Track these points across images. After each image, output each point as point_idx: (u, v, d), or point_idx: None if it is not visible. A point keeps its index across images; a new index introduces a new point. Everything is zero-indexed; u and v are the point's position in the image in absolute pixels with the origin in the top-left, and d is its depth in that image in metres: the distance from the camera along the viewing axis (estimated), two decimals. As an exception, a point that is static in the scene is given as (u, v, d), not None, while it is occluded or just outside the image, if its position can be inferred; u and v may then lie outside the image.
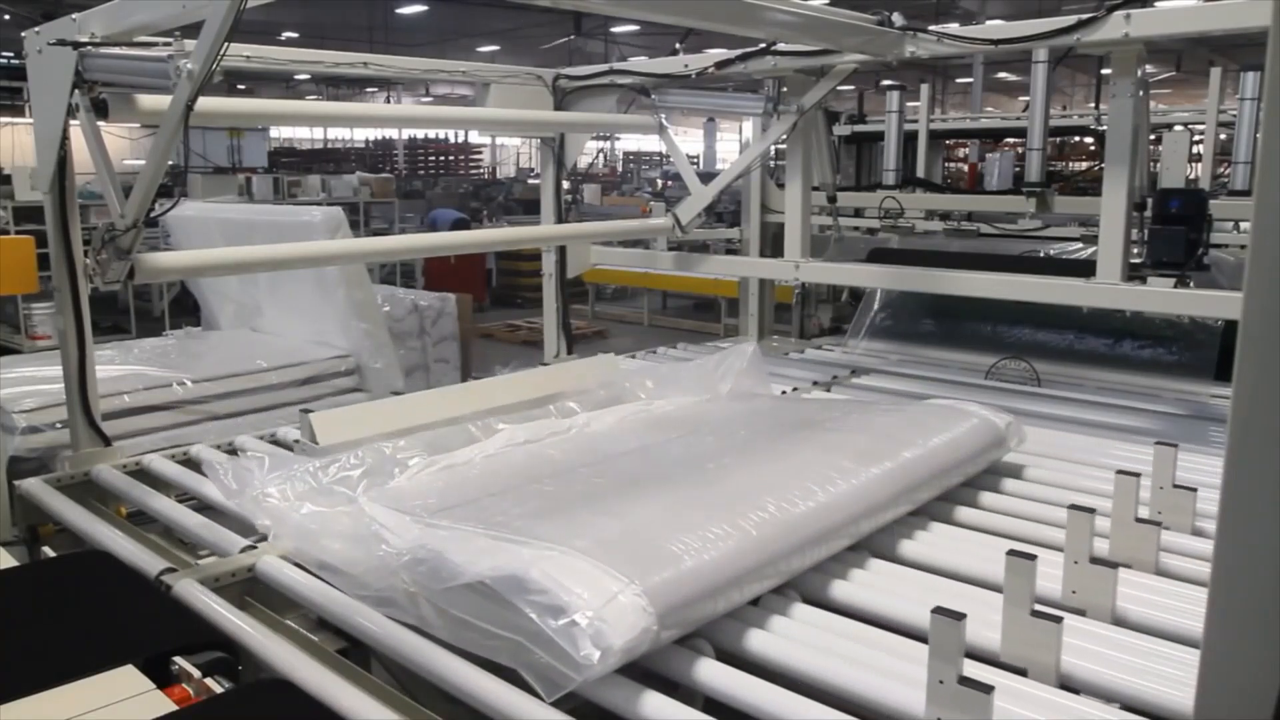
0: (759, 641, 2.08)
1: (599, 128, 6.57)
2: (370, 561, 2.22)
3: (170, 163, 2.98)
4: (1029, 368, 4.68)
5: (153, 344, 5.92)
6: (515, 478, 2.72)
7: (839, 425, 3.14)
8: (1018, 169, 9.28)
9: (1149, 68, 3.87)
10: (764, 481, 2.54)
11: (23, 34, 3.19)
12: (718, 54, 4.46)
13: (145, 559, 2.56)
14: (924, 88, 9.16)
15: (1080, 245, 5.98)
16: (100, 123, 2.98)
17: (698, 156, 23.64)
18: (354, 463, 2.73)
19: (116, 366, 4.99)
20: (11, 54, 17.64)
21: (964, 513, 2.87)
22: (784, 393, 4.24)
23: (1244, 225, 6.39)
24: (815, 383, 4.51)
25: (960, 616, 1.68)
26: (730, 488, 2.52)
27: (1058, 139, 14.45)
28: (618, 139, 31.44)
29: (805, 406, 3.74)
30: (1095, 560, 2.30)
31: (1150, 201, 4.03)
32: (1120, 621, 2.18)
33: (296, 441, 3.44)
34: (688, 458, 2.87)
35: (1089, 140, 14.46)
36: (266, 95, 25.21)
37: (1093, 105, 18.94)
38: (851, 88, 13.31)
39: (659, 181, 22.39)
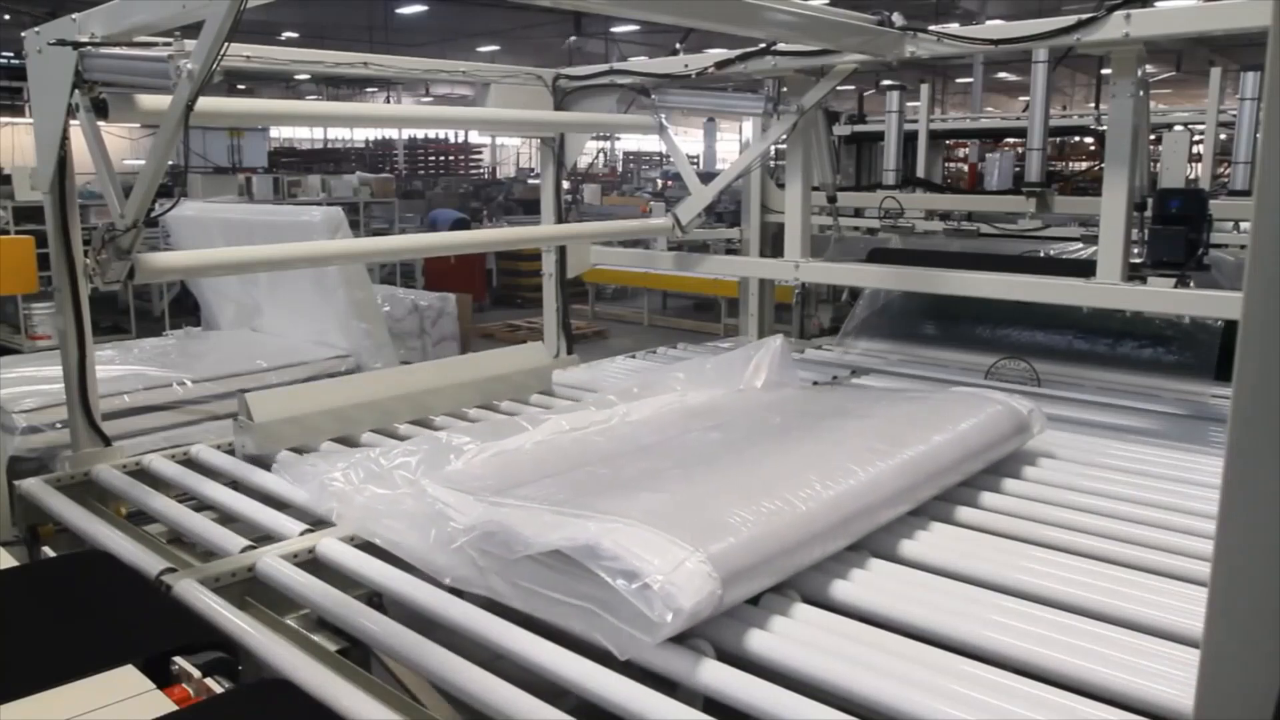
0: (759, 641, 2.08)
1: (599, 128, 6.57)
2: (437, 537, 2.36)
3: (170, 163, 2.98)
4: (1029, 368, 4.68)
5: (153, 344, 5.93)
6: (566, 462, 2.89)
7: (870, 412, 3.28)
8: (1018, 169, 9.28)
9: (1149, 68, 3.87)
10: (805, 462, 2.67)
11: (23, 34, 3.18)
12: (718, 54, 4.46)
13: (145, 559, 2.56)
14: (924, 88, 9.16)
15: (1080, 245, 5.98)
16: (100, 123, 2.98)
17: (698, 156, 23.65)
18: (412, 450, 2.91)
19: (116, 366, 5.00)
20: (11, 54, 17.64)
21: (964, 512, 2.87)
22: (814, 383, 4.39)
23: (1244, 225, 6.39)
24: (815, 383, 4.51)
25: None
26: (774, 468, 2.65)
27: (1058, 139, 14.45)
28: (618, 139, 31.45)
29: (835, 396, 3.90)
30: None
31: (1150, 201, 4.02)
32: (1120, 621, 2.18)
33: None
34: (729, 442, 3.01)
35: (1089, 140, 14.46)
36: (266, 95, 25.22)
37: (1093, 105, 18.94)
38: (851, 88, 13.30)
39: (659, 181, 22.41)
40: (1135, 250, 3.83)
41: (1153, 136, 7.36)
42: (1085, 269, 3.80)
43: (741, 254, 5.95)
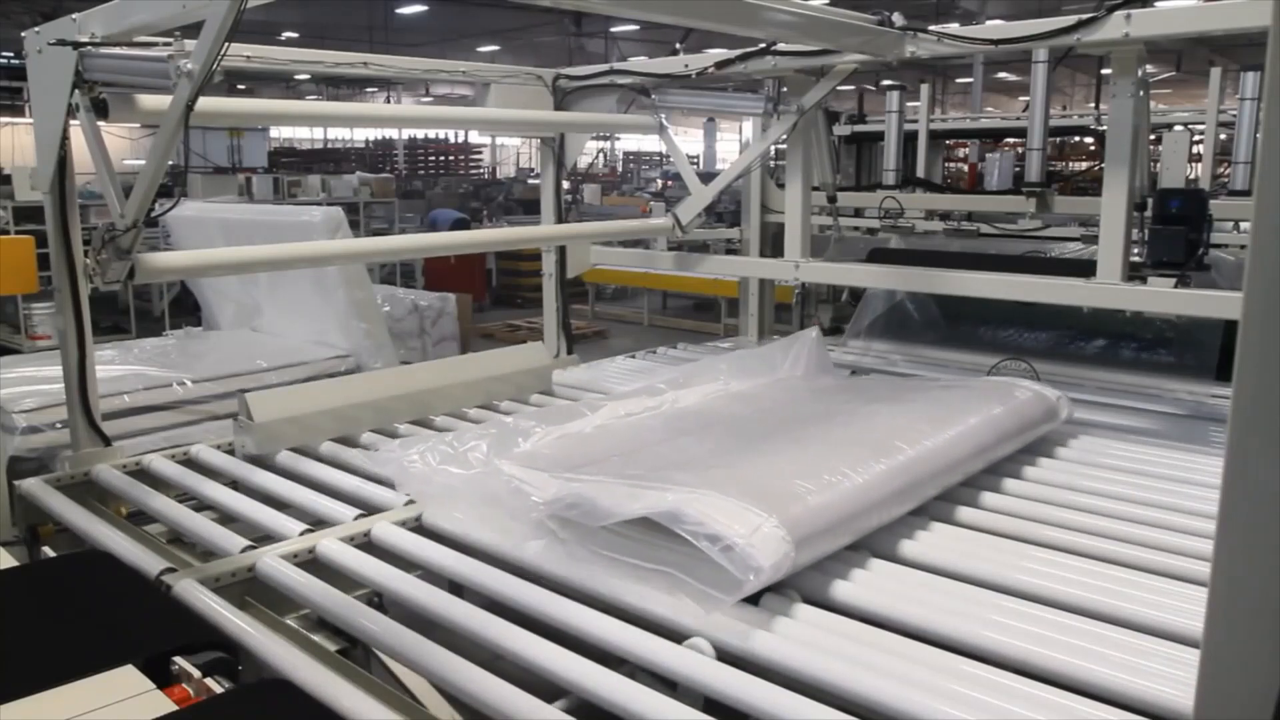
0: (759, 641, 2.08)
1: (599, 128, 6.57)
2: (518, 511, 2.56)
3: (170, 163, 2.98)
4: (1029, 368, 4.67)
5: (153, 344, 5.92)
6: (629, 443, 3.08)
7: (909, 398, 3.49)
8: (1018, 169, 9.28)
9: (1149, 68, 3.87)
10: (856, 441, 2.86)
11: (23, 34, 3.18)
12: (718, 54, 4.46)
13: (145, 559, 2.57)
14: (924, 88, 9.15)
15: (1081, 245, 5.98)
16: (100, 123, 2.98)
17: (698, 156, 23.66)
18: (481, 434, 3.07)
19: (116, 366, 5.00)
20: (11, 54, 17.64)
21: (964, 512, 2.87)
22: (852, 373, 4.55)
23: (1244, 225, 6.39)
24: (853, 372, 4.55)
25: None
26: (827, 446, 2.82)
27: (1058, 139, 14.44)
28: (618, 139, 31.44)
29: (873, 384, 4.13)
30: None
31: (1150, 201, 4.02)
32: (1120, 621, 2.18)
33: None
34: (780, 424, 3.20)
35: (1089, 140, 14.46)
36: (266, 95, 25.21)
37: (1093, 105, 18.94)
38: (851, 88, 13.31)
39: (659, 181, 22.40)
40: (1135, 250, 3.83)
41: (1153, 136, 7.35)
42: (1085, 269, 3.80)
43: (741, 254, 5.94)
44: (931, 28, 3.73)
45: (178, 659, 1.94)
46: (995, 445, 3.16)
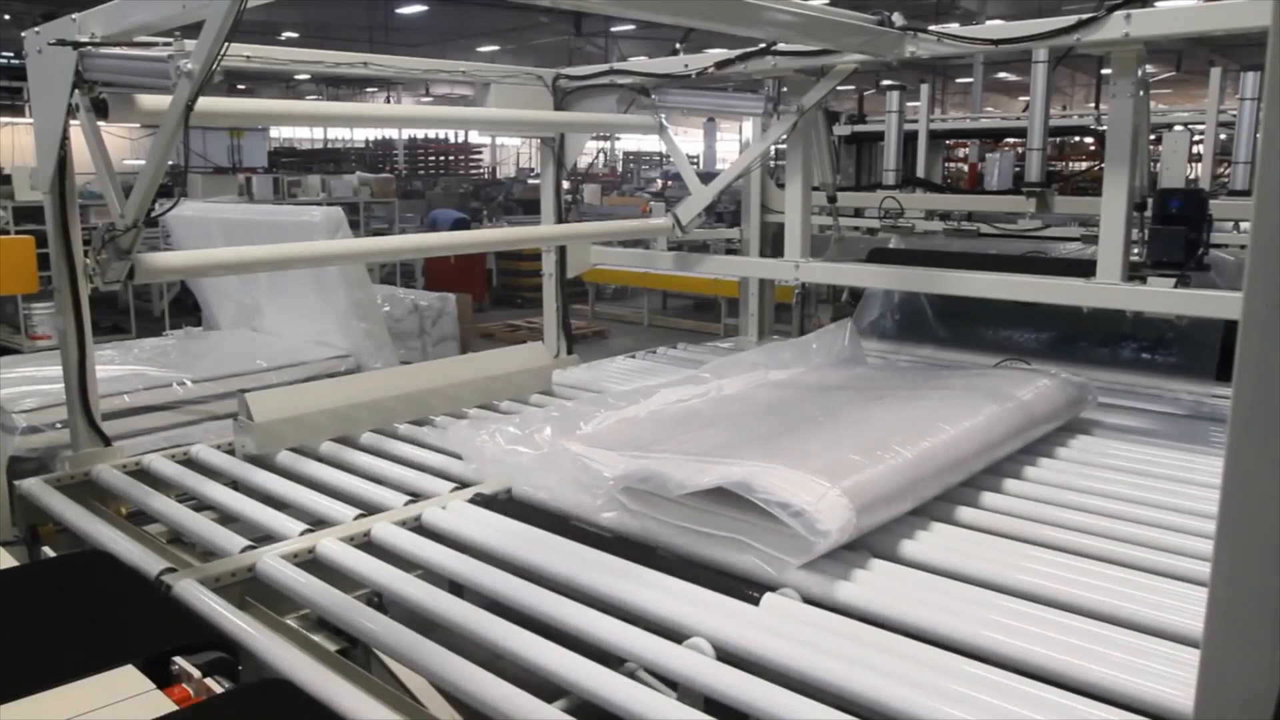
0: (759, 641, 2.08)
1: (599, 128, 6.57)
2: (588, 486, 2.76)
3: (170, 163, 2.98)
4: (1029, 367, 4.66)
5: (153, 344, 5.92)
6: (685, 425, 3.27)
7: (945, 384, 3.69)
8: (1018, 169, 9.27)
9: (1149, 68, 3.87)
10: (901, 421, 3.06)
11: (23, 34, 3.18)
12: (718, 54, 4.46)
13: (145, 559, 2.57)
14: (924, 88, 9.15)
15: (1081, 245, 5.97)
16: (100, 123, 2.98)
17: (698, 156, 23.64)
18: (545, 417, 3.28)
19: (116, 366, 5.00)
20: (11, 54, 17.63)
21: (964, 512, 2.87)
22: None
23: (1244, 225, 6.39)
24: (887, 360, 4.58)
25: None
26: (875, 426, 3.02)
27: (1058, 139, 14.44)
28: (618, 139, 31.44)
29: (907, 373, 4.30)
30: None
31: (1150, 201, 4.02)
32: (1120, 621, 2.18)
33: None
34: (826, 407, 3.39)
35: (1089, 140, 14.46)
36: (266, 95, 25.20)
37: (1093, 105, 18.94)
38: (851, 88, 13.30)
39: (659, 181, 22.39)
40: (1135, 250, 3.83)
41: (1153, 136, 7.35)
42: (1085, 269, 3.80)
43: (741, 254, 5.94)
44: (931, 28, 3.73)
45: (178, 659, 1.94)
46: (1030, 427, 3.36)
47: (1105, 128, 5.36)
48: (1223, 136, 7.77)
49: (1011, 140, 12.48)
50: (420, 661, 2.11)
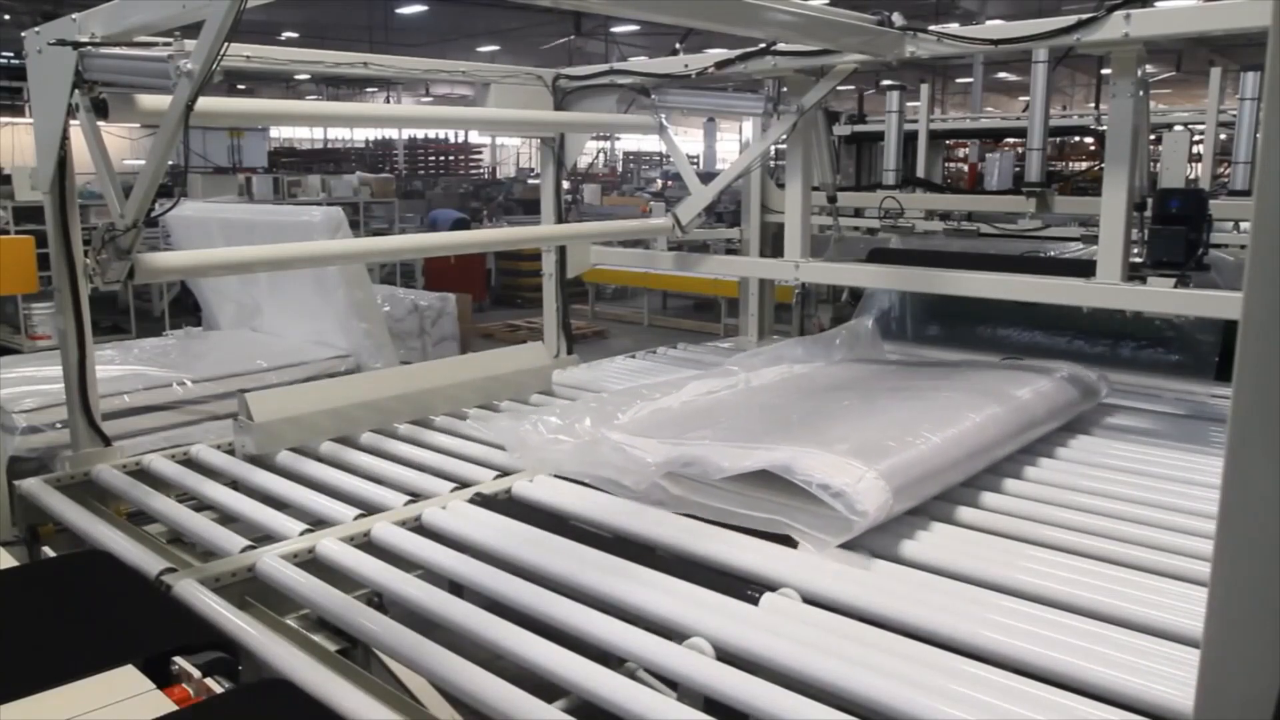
0: (759, 641, 2.08)
1: (599, 128, 6.56)
2: (630, 471, 2.86)
3: (170, 163, 2.98)
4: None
5: (153, 344, 5.92)
6: (718, 414, 3.35)
7: (965, 375, 3.86)
8: (1018, 169, 9.27)
9: (1149, 68, 3.86)
10: (928, 410, 3.20)
11: (23, 34, 3.18)
12: (718, 54, 4.46)
13: (145, 559, 2.57)
14: (924, 88, 9.15)
15: (1081, 245, 5.97)
16: (100, 123, 2.98)
17: (698, 156, 23.64)
18: (582, 408, 3.35)
19: (116, 366, 4.99)
20: (11, 54, 17.63)
21: (964, 512, 2.87)
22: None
23: (1244, 225, 6.39)
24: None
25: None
26: (905, 414, 3.15)
27: (1058, 139, 14.43)
28: (618, 139, 31.43)
29: (926, 367, 4.38)
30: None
31: (1150, 201, 4.02)
32: (1120, 621, 2.18)
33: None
34: (852, 397, 3.52)
35: (1089, 140, 14.46)
36: (266, 95, 25.20)
37: (1093, 105, 18.93)
38: (851, 88, 13.29)
39: (659, 181, 22.39)
40: (1135, 250, 3.83)
41: (1153, 136, 7.35)
42: (1085, 269, 3.80)
43: (741, 254, 5.94)
44: (931, 28, 3.73)
45: (178, 659, 1.94)
46: (1050, 417, 3.52)
47: (1105, 128, 5.36)
48: (1223, 136, 7.77)
49: (1011, 140, 12.48)
50: (420, 661, 2.11)
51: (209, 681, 1.90)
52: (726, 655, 2.07)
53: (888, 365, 4.35)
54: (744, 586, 2.36)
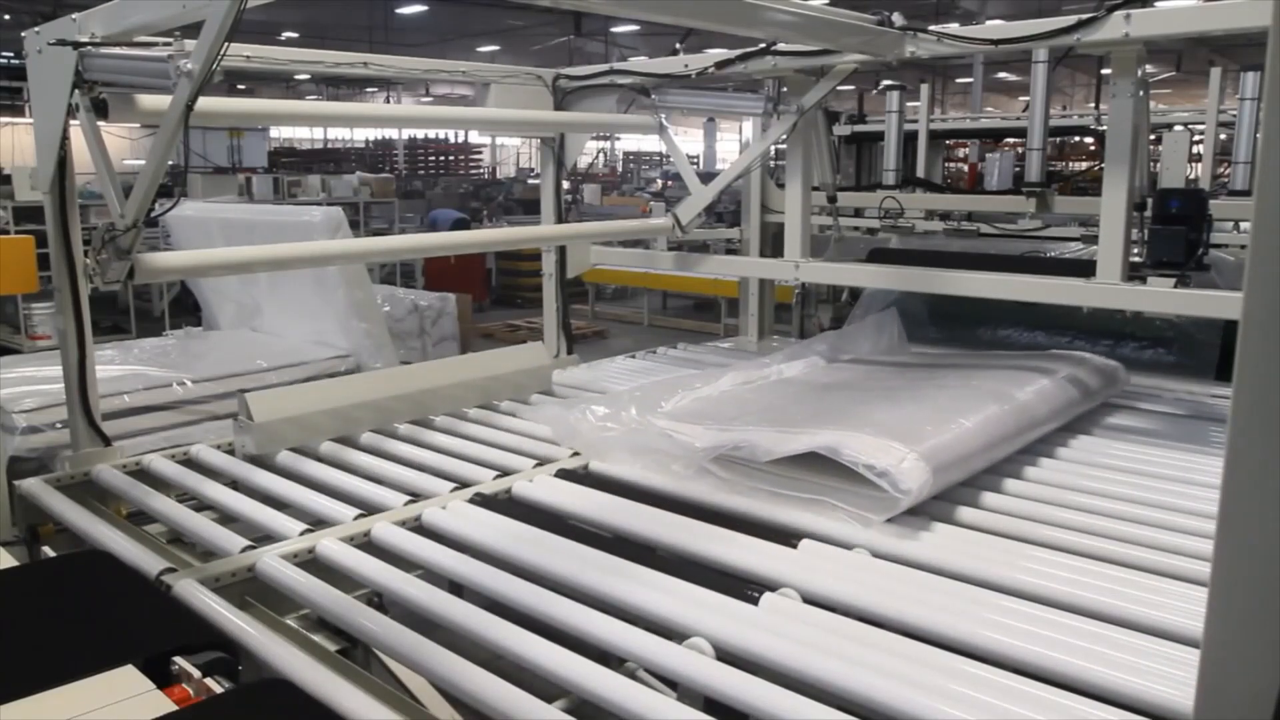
0: (759, 641, 2.08)
1: (599, 128, 6.56)
2: (678, 456, 3.02)
3: (170, 163, 2.98)
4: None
5: (153, 344, 5.92)
6: (757, 403, 3.51)
7: (989, 365, 4.00)
8: (1018, 169, 9.27)
9: (1149, 68, 3.86)
10: (959, 397, 3.37)
11: (23, 34, 3.18)
12: (718, 54, 4.46)
13: (145, 559, 2.57)
14: (924, 88, 9.14)
15: (1081, 245, 5.97)
16: (100, 123, 2.98)
17: (698, 156, 23.64)
18: (629, 398, 3.49)
19: (116, 366, 5.00)
20: (11, 54, 17.63)
21: (964, 512, 2.87)
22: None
23: (1244, 225, 6.39)
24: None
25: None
26: (937, 401, 3.32)
27: (1058, 139, 14.43)
28: (618, 139, 31.42)
29: (951, 358, 4.51)
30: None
31: (1150, 201, 4.02)
32: (1120, 621, 2.18)
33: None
34: (885, 386, 3.70)
35: (1089, 140, 14.45)
36: (266, 95, 25.20)
37: (1093, 105, 18.93)
38: (851, 88, 13.30)
39: (659, 181, 22.38)
40: (1135, 250, 3.83)
41: (1153, 136, 7.34)
42: (1085, 269, 3.80)
43: (741, 254, 5.94)
44: (931, 28, 3.73)
45: (178, 659, 1.94)
46: (1073, 405, 3.68)
47: (1105, 128, 5.36)
48: (1223, 136, 7.76)
49: (1011, 140, 12.47)
50: (420, 661, 2.11)
51: (209, 681, 1.90)
52: (726, 655, 2.07)
53: (913, 358, 4.50)
54: (744, 586, 2.36)
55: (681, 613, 2.20)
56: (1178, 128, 8.03)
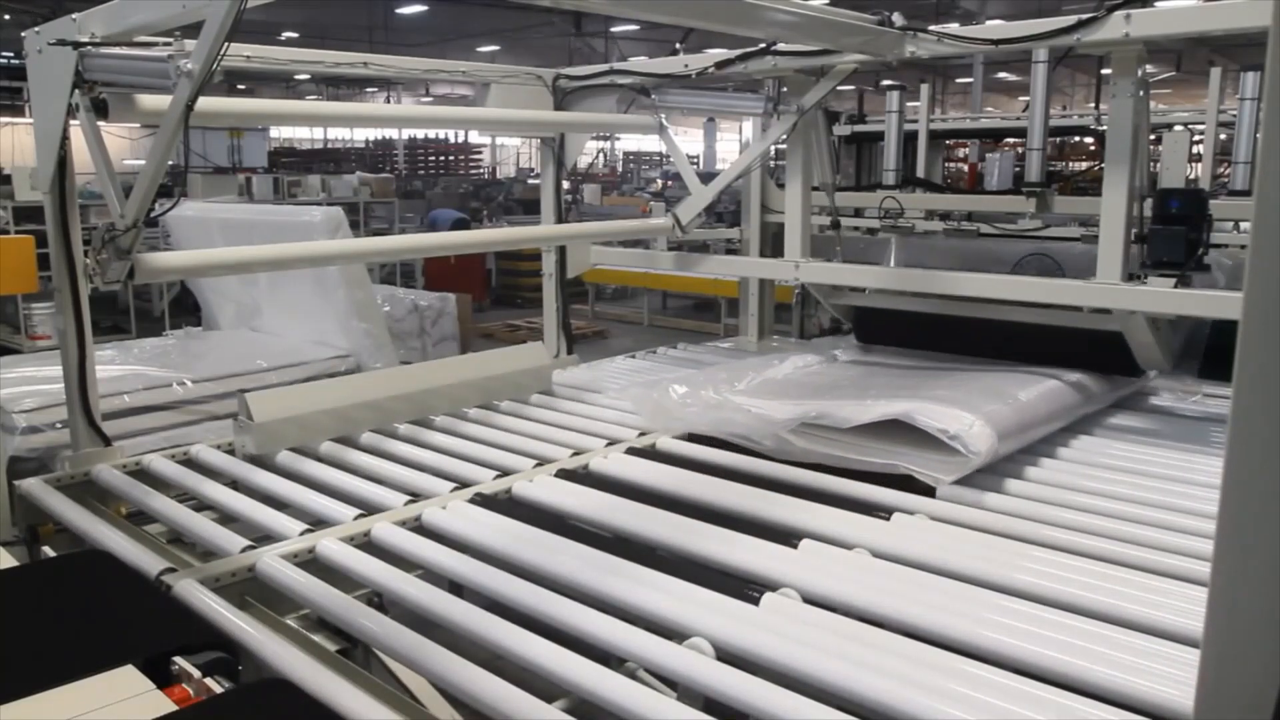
0: (759, 641, 2.08)
1: (599, 128, 6.56)
2: (757, 428, 3.32)
3: (170, 163, 2.98)
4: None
5: (153, 344, 5.92)
6: (823, 382, 3.92)
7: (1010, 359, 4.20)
8: (1018, 169, 9.26)
9: (1149, 68, 3.86)
10: (1007, 378, 3.71)
11: (23, 34, 3.18)
12: (718, 54, 4.46)
13: (145, 559, 2.57)
14: (924, 88, 9.14)
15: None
16: (100, 123, 2.98)
17: (698, 156, 23.63)
18: (705, 379, 3.77)
19: (116, 366, 5.00)
20: (11, 54, 17.63)
21: (964, 512, 2.87)
22: None
23: (1244, 225, 6.38)
24: None
25: None
26: (989, 380, 3.67)
27: (1058, 139, 14.42)
28: (618, 139, 31.42)
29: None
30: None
31: (1150, 201, 4.02)
32: (1120, 621, 2.18)
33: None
34: (937, 370, 4.04)
35: (1089, 140, 14.45)
36: (266, 95, 25.20)
37: (1093, 105, 18.93)
38: (851, 88, 13.31)
39: (659, 181, 22.37)
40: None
41: (1153, 136, 7.34)
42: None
43: (741, 254, 5.93)
44: (931, 28, 3.73)
45: (178, 659, 1.94)
46: (1109, 390, 3.98)
47: (1105, 128, 5.35)
48: (1223, 136, 7.76)
49: (1011, 140, 12.47)
50: (420, 661, 2.11)
51: (209, 681, 1.90)
52: (726, 655, 2.07)
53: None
54: (744, 586, 2.36)
55: (682, 613, 2.20)
56: (1178, 128, 8.03)
